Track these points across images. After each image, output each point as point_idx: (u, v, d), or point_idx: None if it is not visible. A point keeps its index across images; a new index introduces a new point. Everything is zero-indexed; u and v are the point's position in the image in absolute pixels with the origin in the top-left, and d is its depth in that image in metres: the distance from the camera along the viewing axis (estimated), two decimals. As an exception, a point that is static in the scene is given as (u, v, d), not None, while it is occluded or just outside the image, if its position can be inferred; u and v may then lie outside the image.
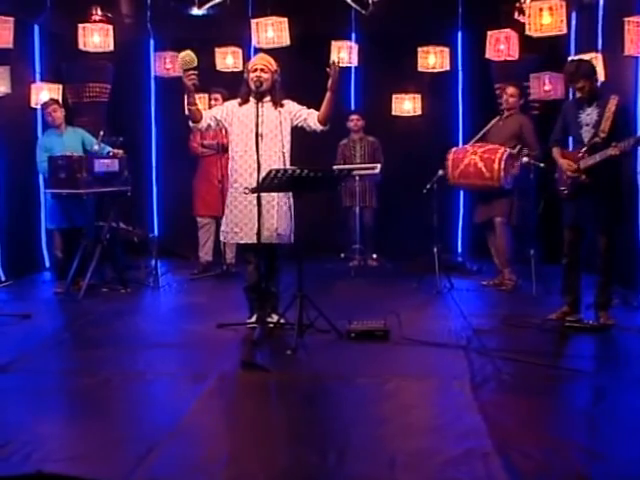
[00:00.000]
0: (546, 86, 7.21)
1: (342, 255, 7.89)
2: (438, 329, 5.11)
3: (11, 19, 6.01)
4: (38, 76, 7.65)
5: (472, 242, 8.63)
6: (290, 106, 5.14)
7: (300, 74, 6.76)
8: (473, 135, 6.91)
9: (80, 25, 6.99)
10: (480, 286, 6.72)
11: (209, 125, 5.20)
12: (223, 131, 7.06)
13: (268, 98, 5.05)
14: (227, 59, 7.71)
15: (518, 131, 6.48)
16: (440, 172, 6.57)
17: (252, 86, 4.98)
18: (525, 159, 6.15)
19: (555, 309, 5.32)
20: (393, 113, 8.32)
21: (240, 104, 5.13)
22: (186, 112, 5.12)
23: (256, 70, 4.99)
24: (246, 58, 7.92)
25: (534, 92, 7.39)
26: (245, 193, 4.94)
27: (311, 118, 5.11)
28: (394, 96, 8.28)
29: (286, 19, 6.67)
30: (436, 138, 8.43)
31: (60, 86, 7.41)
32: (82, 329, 5.30)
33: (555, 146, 5.24)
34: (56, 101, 6.79)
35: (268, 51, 5.86)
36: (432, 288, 6.49)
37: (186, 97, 5.12)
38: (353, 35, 8.07)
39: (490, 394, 3.77)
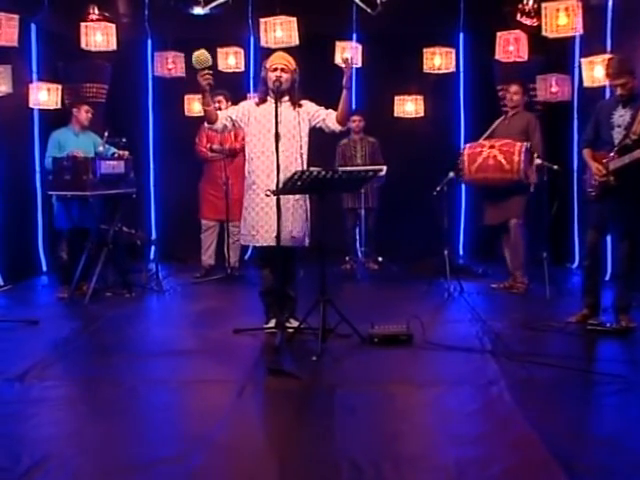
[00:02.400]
0: (553, 88, 7.20)
1: (347, 258, 7.79)
2: (460, 333, 5.04)
3: (16, 17, 5.82)
4: (35, 76, 7.47)
5: (475, 244, 8.61)
6: (308, 106, 5.02)
7: (302, 74, 6.64)
8: (475, 137, 6.85)
9: (82, 24, 6.82)
10: (490, 289, 6.65)
11: (225, 126, 5.05)
12: (232, 135, 7.03)
13: (287, 98, 4.93)
14: (229, 59, 7.59)
15: (526, 127, 6.42)
16: (451, 174, 6.50)
17: (271, 85, 4.84)
18: (538, 161, 6.09)
19: (570, 311, 5.29)
20: (395, 115, 8.26)
21: (257, 104, 5.00)
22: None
23: (276, 69, 4.86)
24: (247, 58, 7.87)
25: (540, 93, 7.36)
26: (267, 195, 4.82)
27: (330, 118, 4.99)
28: (396, 97, 8.22)
29: (295, 19, 6.56)
30: (438, 140, 8.41)
31: (59, 86, 7.25)
32: (94, 335, 5.16)
33: (586, 147, 5.15)
34: (88, 102, 6.92)
35: (274, 50, 5.74)
36: (443, 291, 6.43)
37: (201, 97, 5.00)
38: (354, 35, 7.98)
39: (530, 400, 3.68)
